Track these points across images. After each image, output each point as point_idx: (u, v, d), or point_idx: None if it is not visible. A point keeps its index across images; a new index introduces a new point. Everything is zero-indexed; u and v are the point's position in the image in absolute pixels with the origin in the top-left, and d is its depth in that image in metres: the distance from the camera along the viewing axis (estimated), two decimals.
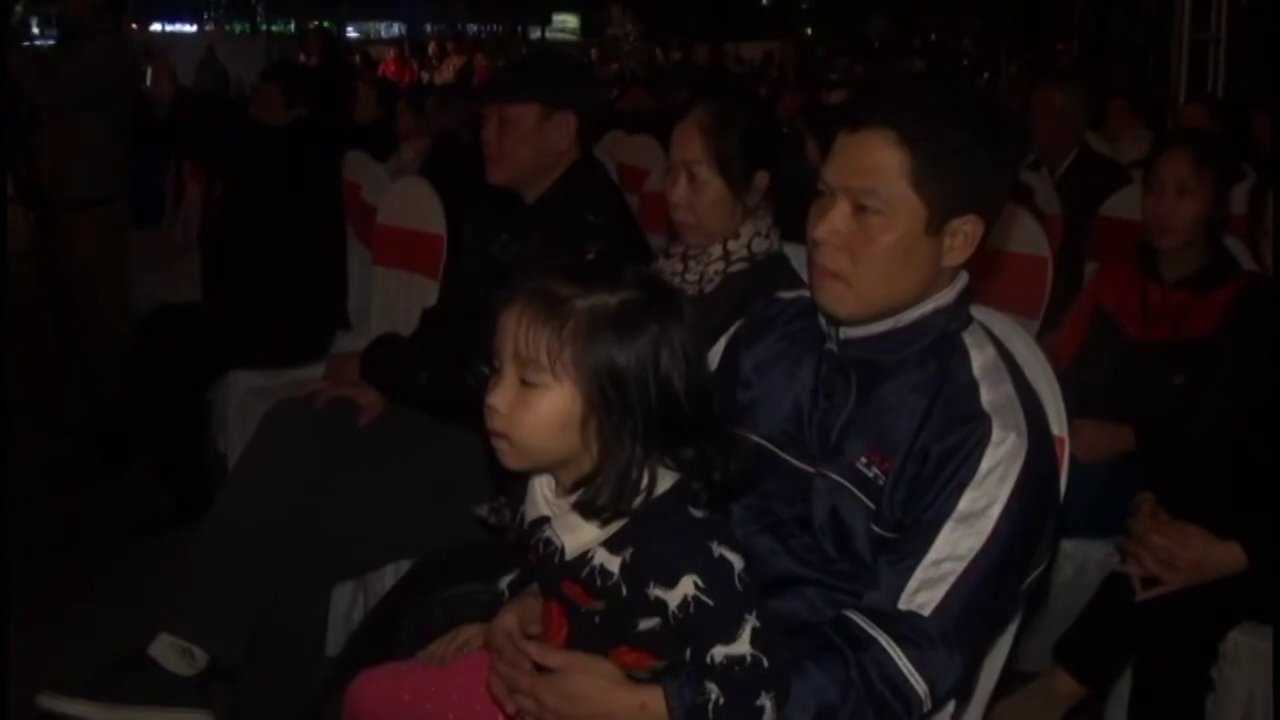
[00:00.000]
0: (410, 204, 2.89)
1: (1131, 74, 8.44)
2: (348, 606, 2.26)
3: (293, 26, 14.50)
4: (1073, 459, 1.38)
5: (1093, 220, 3.13)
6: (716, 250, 1.84)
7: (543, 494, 1.15)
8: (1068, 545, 2.14)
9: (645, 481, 1.08)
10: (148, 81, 3.15)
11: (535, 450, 1.10)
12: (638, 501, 1.08)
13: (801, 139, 3.65)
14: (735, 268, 1.83)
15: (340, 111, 5.13)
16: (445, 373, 2.01)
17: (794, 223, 1.49)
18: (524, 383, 1.08)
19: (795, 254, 1.82)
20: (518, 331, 1.08)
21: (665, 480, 1.10)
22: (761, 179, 1.84)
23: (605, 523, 1.09)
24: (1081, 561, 2.17)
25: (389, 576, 2.11)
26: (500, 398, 1.09)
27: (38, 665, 2.02)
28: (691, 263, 1.86)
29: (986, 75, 10.68)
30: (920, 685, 1.11)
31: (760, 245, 1.84)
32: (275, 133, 3.15)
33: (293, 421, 2.17)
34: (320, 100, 3.38)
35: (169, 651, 1.95)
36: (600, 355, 1.06)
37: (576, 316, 1.06)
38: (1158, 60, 8.50)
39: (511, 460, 1.12)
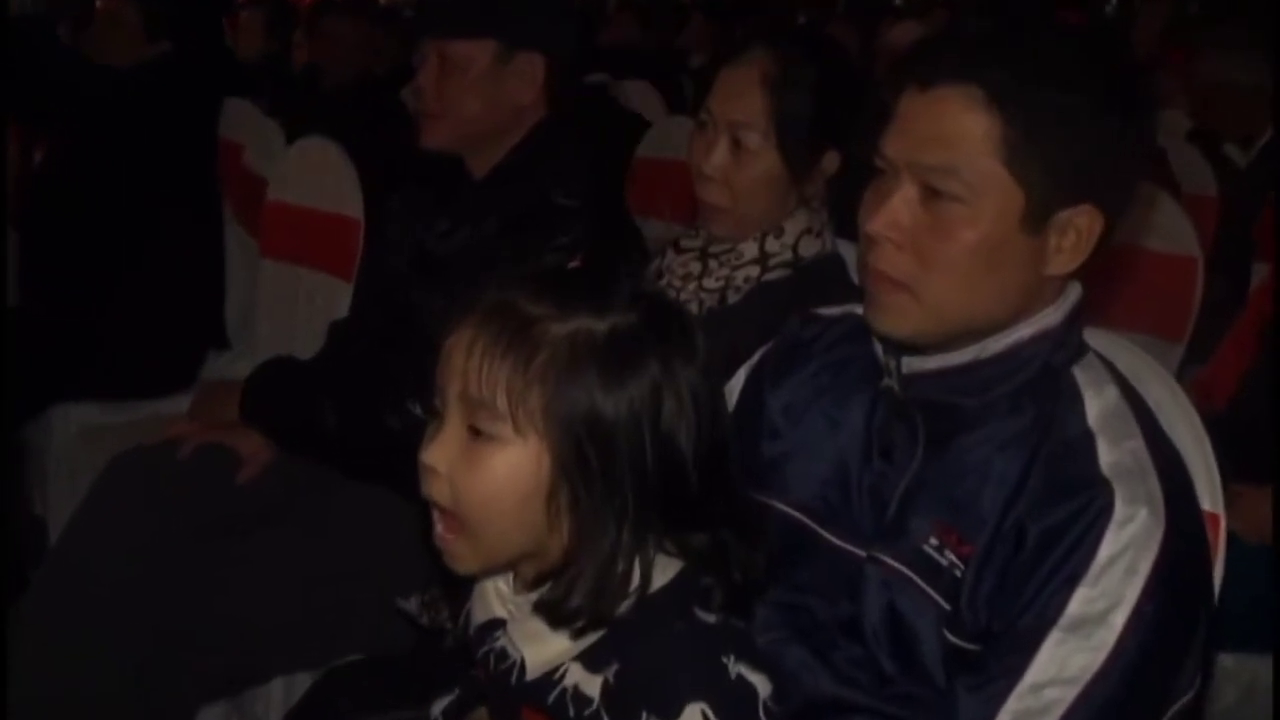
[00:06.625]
0: (313, 174, 2.91)
1: None
2: None
3: None
4: (1232, 542, 1.39)
5: (1261, 207, 3.15)
6: (750, 249, 1.86)
7: (495, 588, 1.17)
8: (1228, 661, 2.16)
9: (635, 578, 1.09)
10: None
11: (483, 529, 1.10)
12: (624, 605, 1.09)
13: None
14: (773, 275, 1.85)
15: (217, 44, 5.14)
16: (359, 411, 2.03)
17: (854, 212, 1.50)
18: (473, 433, 1.09)
19: (853, 254, 1.82)
20: (469, 363, 1.08)
21: (665, 571, 1.11)
22: (830, 161, 1.85)
23: (579, 632, 1.10)
24: (1249, 684, 2.18)
25: (276, 694, 2.12)
26: (439, 453, 1.10)
27: None
28: (713, 262, 1.88)
29: (1114, 2, 10.76)
30: None
31: (810, 247, 1.86)
32: (125, 74, 3.17)
33: (143, 476, 2.18)
34: (189, 29, 3.39)
35: None
36: (580, 402, 1.07)
37: (551, 347, 1.07)
38: None
39: (457, 552, 1.11)
